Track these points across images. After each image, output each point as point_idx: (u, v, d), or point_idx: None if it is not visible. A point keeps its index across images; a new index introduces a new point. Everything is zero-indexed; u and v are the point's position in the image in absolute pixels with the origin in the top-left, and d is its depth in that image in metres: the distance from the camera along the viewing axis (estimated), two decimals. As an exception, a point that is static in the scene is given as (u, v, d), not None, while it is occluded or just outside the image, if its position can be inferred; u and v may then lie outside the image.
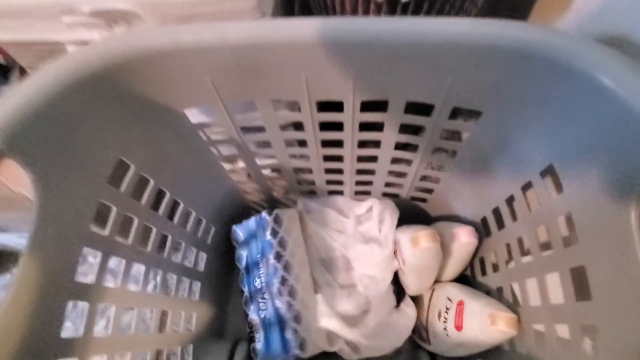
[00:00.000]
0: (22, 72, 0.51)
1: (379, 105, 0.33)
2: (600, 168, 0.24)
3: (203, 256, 0.49)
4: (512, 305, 0.36)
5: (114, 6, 0.29)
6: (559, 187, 0.28)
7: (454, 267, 0.41)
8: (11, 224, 0.49)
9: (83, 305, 0.29)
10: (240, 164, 0.43)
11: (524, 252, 0.34)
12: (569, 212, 0.28)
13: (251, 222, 0.47)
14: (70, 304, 0.28)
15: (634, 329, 0.22)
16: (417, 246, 0.36)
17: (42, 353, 0.25)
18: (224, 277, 0.53)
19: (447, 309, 0.40)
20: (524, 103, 0.28)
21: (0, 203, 0.41)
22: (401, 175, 0.44)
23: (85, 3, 0.28)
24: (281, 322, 0.40)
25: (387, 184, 0.47)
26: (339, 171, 0.44)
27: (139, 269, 0.36)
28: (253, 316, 0.45)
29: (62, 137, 0.26)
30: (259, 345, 0.43)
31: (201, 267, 0.49)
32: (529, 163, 0.31)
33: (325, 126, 0.37)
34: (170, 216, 0.41)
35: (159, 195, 0.39)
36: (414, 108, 0.33)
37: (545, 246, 0.31)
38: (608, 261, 0.24)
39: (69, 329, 0.29)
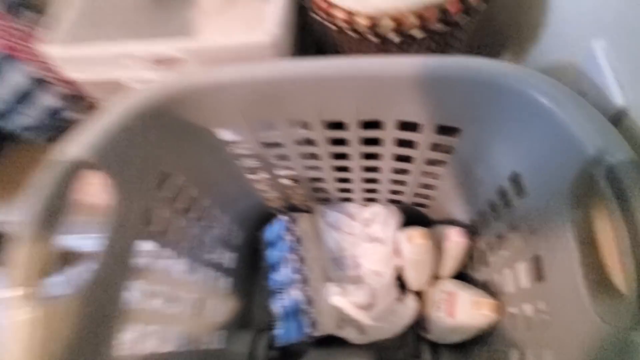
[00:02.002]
0: (89, 102, 0.61)
1: (377, 124, 0.40)
2: (547, 173, 0.30)
3: (233, 256, 0.57)
4: (496, 295, 0.41)
5: (167, 53, 0.37)
6: (522, 191, 0.34)
7: (448, 264, 0.47)
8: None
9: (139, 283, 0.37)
10: (263, 175, 0.51)
11: (502, 247, 0.39)
12: (529, 212, 0.33)
13: (275, 226, 0.54)
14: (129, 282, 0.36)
15: (573, 299, 0.27)
16: (411, 242, 0.42)
17: (109, 319, 0.33)
18: (251, 275, 0.61)
19: (442, 300, 0.45)
20: (491, 121, 0.35)
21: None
22: (402, 183, 0.50)
23: (146, 52, 0.37)
24: (297, 309, 0.47)
25: (391, 192, 0.53)
26: (348, 180, 0.51)
27: (181, 262, 0.44)
28: (275, 308, 0.52)
29: (132, 153, 0.35)
30: (279, 332, 0.50)
31: (232, 265, 0.57)
32: (500, 170, 0.37)
33: (334, 141, 0.44)
34: (205, 220, 0.49)
35: (196, 203, 0.47)
36: (405, 126, 0.40)
37: (516, 241, 0.36)
38: (555, 250, 0.30)
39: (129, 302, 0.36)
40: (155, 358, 0.38)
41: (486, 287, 0.44)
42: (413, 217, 0.55)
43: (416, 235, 0.42)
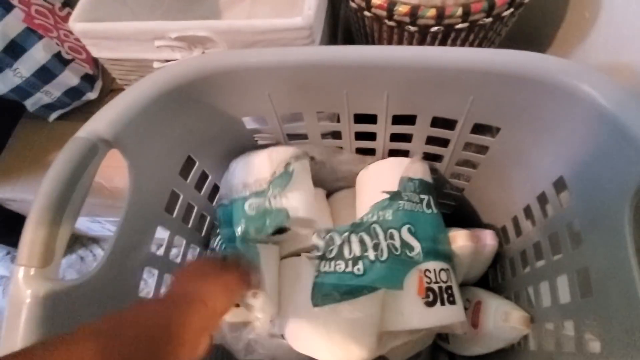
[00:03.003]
0: (104, 81, 0.60)
1: (409, 119, 0.38)
2: (601, 180, 0.28)
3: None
4: (526, 307, 0.39)
5: (196, 33, 0.36)
6: (568, 197, 0.32)
7: (476, 269, 0.44)
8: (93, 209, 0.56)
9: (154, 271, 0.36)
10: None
11: (539, 257, 0.37)
12: (576, 221, 0.31)
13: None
14: (146, 270, 0.34)
15: (627, 319, 0.25)
16: (454, 244, 0.39)
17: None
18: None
19: (466, 308, 0.43)
20: (537, 122, 0.32)
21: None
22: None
23: (173, 30, 0.36)
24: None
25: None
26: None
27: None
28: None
29: (152, 134, 0.33)
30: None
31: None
32: (542, 175, 0.34)
33: (359, 136, 0.42)
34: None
35: (215, 189, 0.45)
36: (440, 122, 0.38)
37: (556, 251, 0.34)
38: (607, 263, 0.27)
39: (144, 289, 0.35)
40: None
41: (514, 298, 0.41)
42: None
43: (461, 237, 0.39)
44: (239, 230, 0.36)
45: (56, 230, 0.25)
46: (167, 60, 0.39)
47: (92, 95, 0.58)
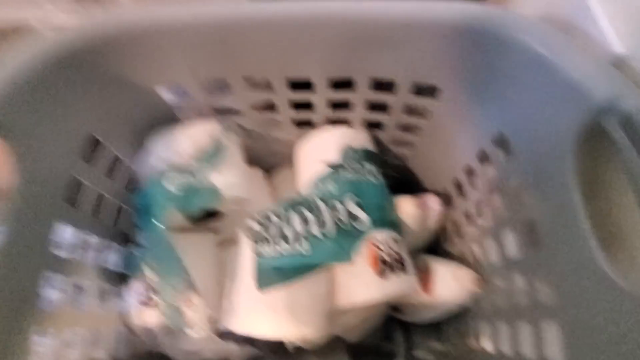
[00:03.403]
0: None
1: (347, 85, 0.35)
2: (542, 130, 0.28)
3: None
4: (476, 267, 0.39)
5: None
6: (509, 152, 0.31)
7: (423, 235, 0.44)
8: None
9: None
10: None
11: (483, 215, 0.37)
12: (518, 173, 0.31)
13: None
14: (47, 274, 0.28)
15: (577, 267, 0.25)
16: (401, 212, 0.38)
17: (21, 323, 0.26)
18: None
19: (417, 275, 0.42)
20: (477, 77, 0.31)
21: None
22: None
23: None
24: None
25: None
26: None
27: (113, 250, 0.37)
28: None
29: (47, 113, 0.26)
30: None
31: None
32: (482, 133, 0.34)
33: (296, 107, 0.38)
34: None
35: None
36: (379, 86, 0.35)
37: (500, 207, 0.34)
38: (554, 211, 0.27)
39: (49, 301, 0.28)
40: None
41: (461, 261, 0.41)
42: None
43: (407, 204, 0.38)
44: (155, 211, 0.31)
45: None
46: (51, 23, 0.32)
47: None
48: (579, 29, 0.29)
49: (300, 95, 0.37)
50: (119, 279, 0.36)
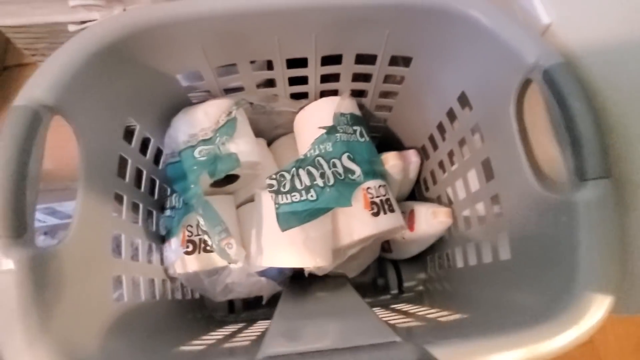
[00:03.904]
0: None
1: (335, 59, 0.42)
2: (491, 87, 0.35)
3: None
4: (448, 205, 0.47)
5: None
6: (470, 107, 0.39)
7: (406, 184, 0.52)
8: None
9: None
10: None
11: (452, 163, 0.45)
12: (477, 124, 0.39)
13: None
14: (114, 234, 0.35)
15: (520, 183, 0.34)
16: (386, 165, 0.46)
17: (95, 268, 0.33)
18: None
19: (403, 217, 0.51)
20: (441, 47, 0.39)
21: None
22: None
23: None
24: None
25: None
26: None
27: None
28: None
29: (91, 99, 0.32)
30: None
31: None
32: (449, 93, 0.41)
33: (292, 81, 0.45)
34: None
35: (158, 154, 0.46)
36: (361, 59, 0.42)
37: (465, 152, 0.42)
38: (502, 148, 0.35)
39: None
40: (136, 306, 0.38)
41: (438, 202, 0.50)
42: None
43: (391, 158, 0.46)
44: (192, 177, 0.38)
45: (23, 201, 0.26)
46: (84, 22, 0.37)
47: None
48: (517, 4, 0.37)
49: (296, 72, 0.43)
50: (159, 239, 0.44)
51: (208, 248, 0.40)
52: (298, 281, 0.47)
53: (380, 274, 0.59)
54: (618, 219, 0.26)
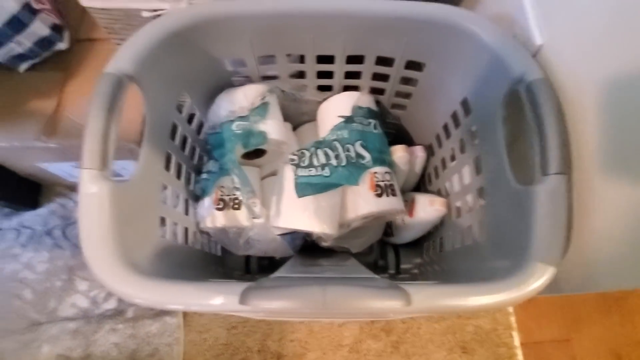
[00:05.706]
0: (72, 31, 0.63)
1: (358, 59, 0.49)
2: (486, 94, 0.42)
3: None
4: (444, 196, 0.54)
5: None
6: (469, 111, 0.46)
7: (411, 177, 0.59)
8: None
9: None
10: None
11: (452, 159, 0.51)
12: (474, 126, 0.45)
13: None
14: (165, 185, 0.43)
15: (497, 181, 0.40)
16: (394, 155, 0.53)
17: (152, 207, 0.41)
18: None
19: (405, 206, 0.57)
20: (449, 57, 0.45)
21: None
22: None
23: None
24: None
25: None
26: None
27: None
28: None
29: (159, 72, 0.41)
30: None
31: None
32: (454, 98, 0.48)
33: (320, 75, 0.52)
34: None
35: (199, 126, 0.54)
36: (381, 61, 0.49)
37: (463, 151, 0.48)
38: (490, 147, 0.42)
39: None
40: (174, 246, 0.46)
41: (437, 194, 0.56)
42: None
43: (399, 150, 0.53)
44: (229, 146, 0.46)
45: (107, 142, 0.34)
46: (155, 10, 0.46)
47: (62, 45, 0.61)
48: (517, 25, 0.43)
49: (324, 67, 0.50)
50: (194, 198, 0.52)
51: (236, 206, 0.48)
52: (307, 252, 0.55)
53: (382, 257, 0.65)
54: (568, 208, 0.32)
